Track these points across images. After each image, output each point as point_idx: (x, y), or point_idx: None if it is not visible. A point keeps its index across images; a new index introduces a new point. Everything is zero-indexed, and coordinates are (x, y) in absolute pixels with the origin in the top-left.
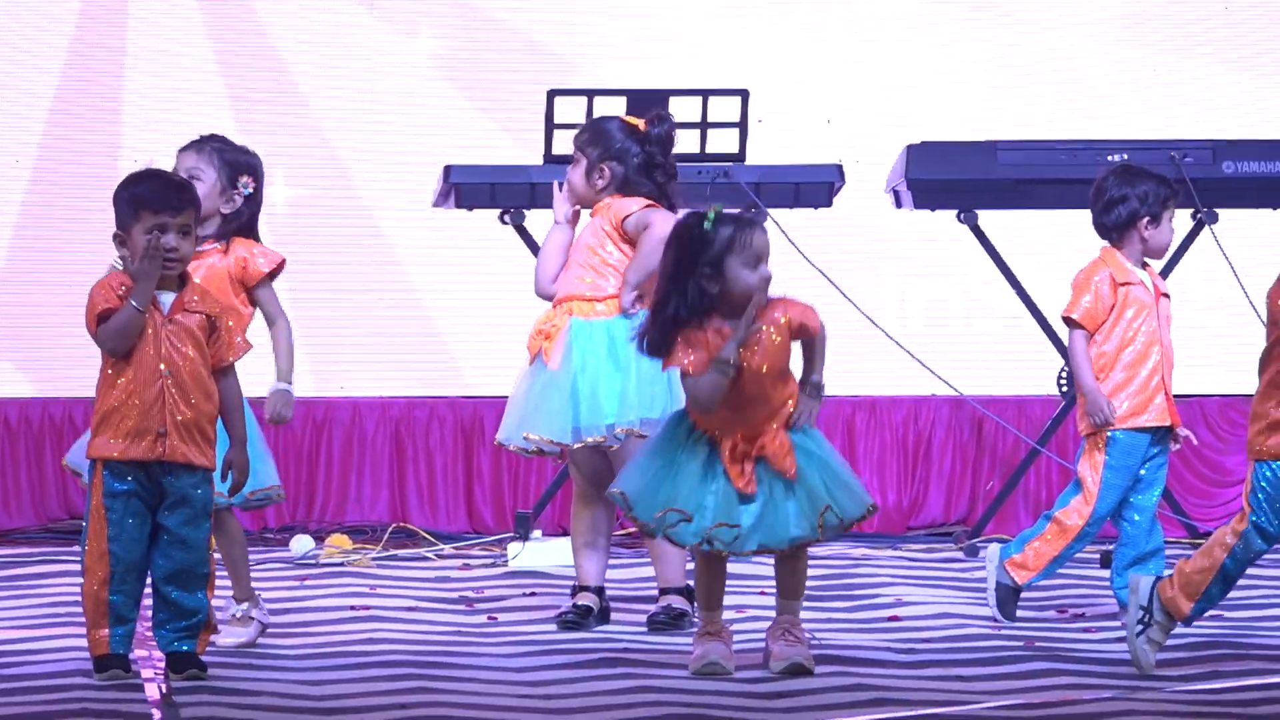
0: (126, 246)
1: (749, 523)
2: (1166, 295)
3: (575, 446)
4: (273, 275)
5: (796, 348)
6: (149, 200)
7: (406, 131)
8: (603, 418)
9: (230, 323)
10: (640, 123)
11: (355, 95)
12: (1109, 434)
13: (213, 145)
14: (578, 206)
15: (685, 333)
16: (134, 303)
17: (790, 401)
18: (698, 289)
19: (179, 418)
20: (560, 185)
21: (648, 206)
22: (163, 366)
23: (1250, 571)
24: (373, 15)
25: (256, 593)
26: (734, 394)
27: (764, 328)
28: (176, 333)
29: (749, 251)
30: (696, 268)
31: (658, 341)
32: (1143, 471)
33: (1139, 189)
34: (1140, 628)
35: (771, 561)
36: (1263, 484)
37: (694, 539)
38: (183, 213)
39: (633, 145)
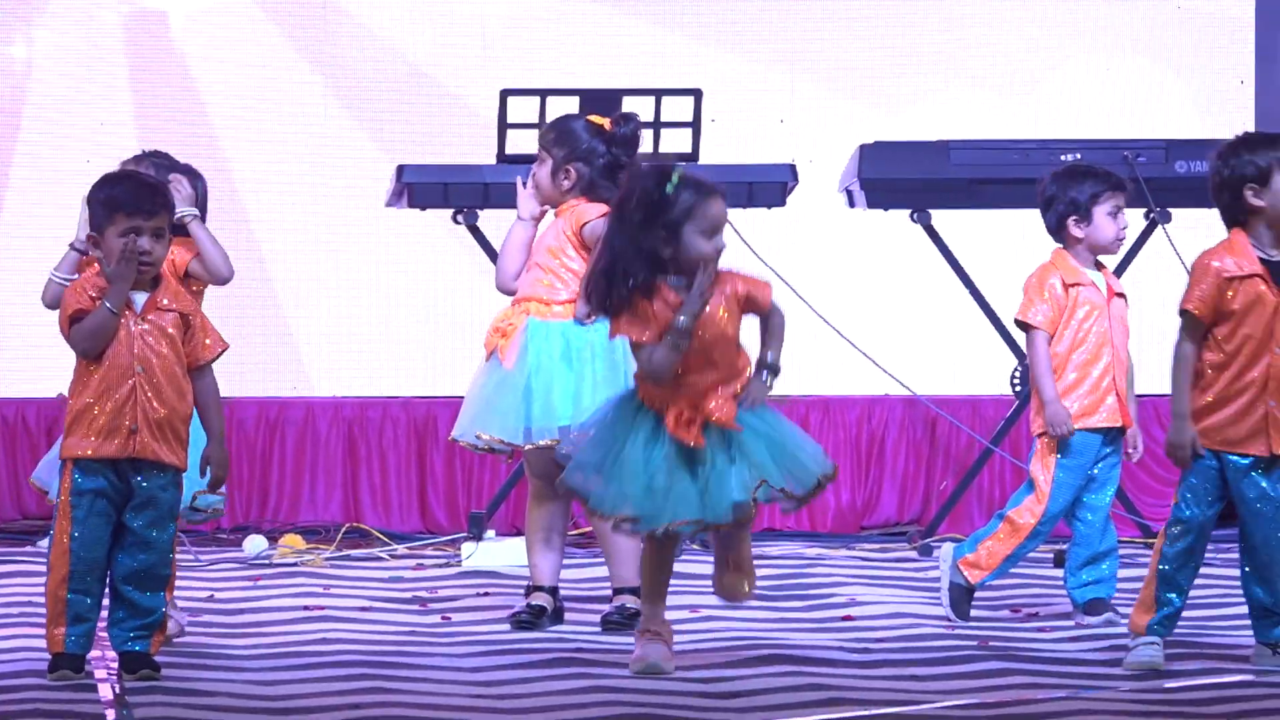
0: (100, 248)
1: (695, 498)
2: (1121, 296)
3: (526, 447)
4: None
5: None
6: (124, 203)
7: (358, 131)
8: (555, 419)
9: (203, 322)
10: (606, 122)
11: (310, 92)
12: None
13: (151, 160)
14: (545, 207)
15: (634, 303)
16: (108, 304)
17: (743, 376)
18: (651, 249)
19: (151, 415)
20: (524, 183)
21: (606, 215)
22: (136, 365)
23: (1203, 571)
24: (324, 10)
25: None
26: (682, 363)
27: (714, 300)
28: (150, 331)
29: (706, 220)
30: (652, 229)
31: (604, 294)
32: (1095, 471)
33: (1069, 188)
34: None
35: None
36: (1190, 476)
37: (646, 528)
38: (156, 216)
39: (599, 146)
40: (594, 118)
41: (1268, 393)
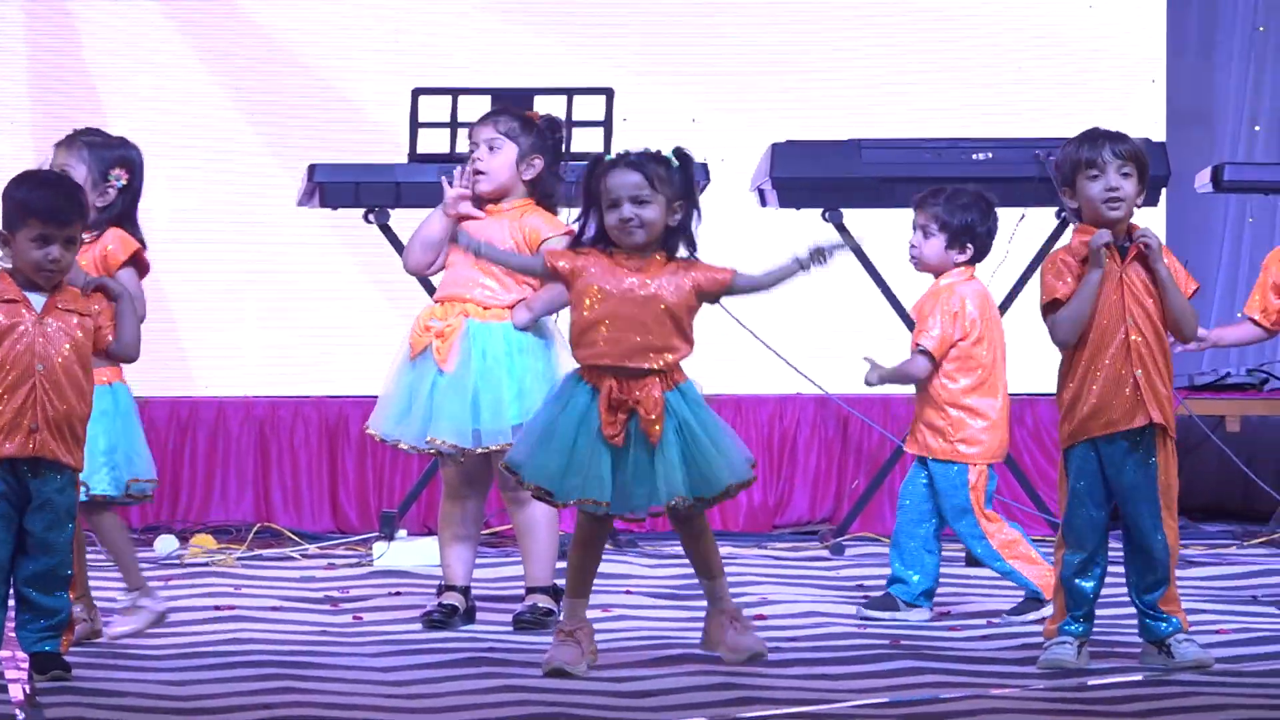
0: (10, 246)
1: (608, 484)
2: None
3: (478, 451)
4: (132, 263)
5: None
6: (38, 210)
7: (270, 131)
8: (505, 421)
9: (100, 315)
10: (537, 119)
11: (221, 92)
12: None
13: (83, 140)
14: (469, 214)
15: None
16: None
17: (677, 355)
18: (597, 219)
19: (50, 413)
20: (450, 181)
21: (568, 234)
22: (38, 364)
23: (1114, 570)
24: (235, 11)
25: (148, 582)
26: (607, 312)
27: (671, 277)
28: (52, 331)
29: (606, 195)
30: (591, 200)
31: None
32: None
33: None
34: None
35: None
36: (1069, 474)
37: (560, 501)
38: (70, 225)
39: (549, 142)
40: (530, 114)
41: (1131, 364)
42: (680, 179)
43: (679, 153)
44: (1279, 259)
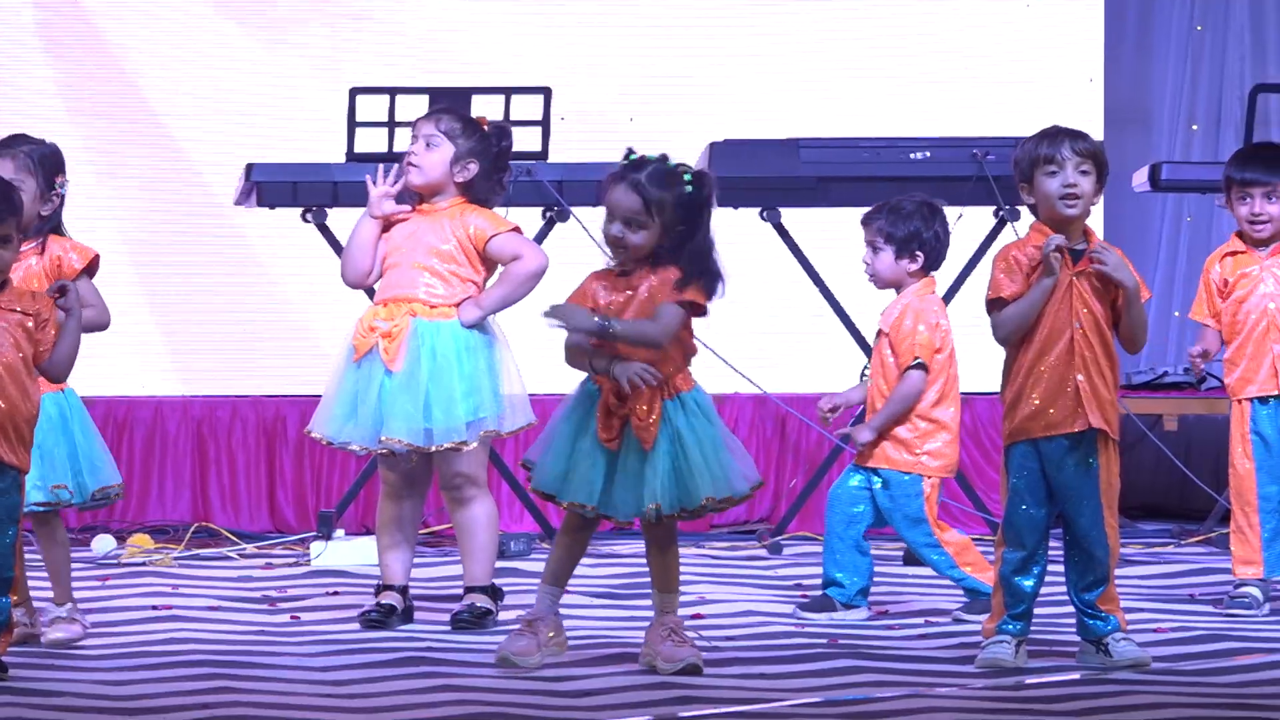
0: None
1: (599, 488)
2: (882, 332)
3: (432, 450)
4: (88, 271)
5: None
6: None
7: (206, 130)
8: (457, 419)
9: (46, 319)
10: (485, 124)
11: (152, 94)
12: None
13: (24, 150)
14: (396, 214)
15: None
16: None
17: (670, 368)
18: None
19: None
20: (376, 179)
21: (514, 231)
22: None
23: (1052, 569)
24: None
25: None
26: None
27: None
28: None
29: (604, 202)
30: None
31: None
32: (885, 501)
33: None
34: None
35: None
36: (1010, 473)
37: (564, 502)
38: (3, 223)
39: (489, 147)
40: (479, 118)
41: (1074, 368)
42: (690, 200)
43: (696, 176)
44: (1218, 260)
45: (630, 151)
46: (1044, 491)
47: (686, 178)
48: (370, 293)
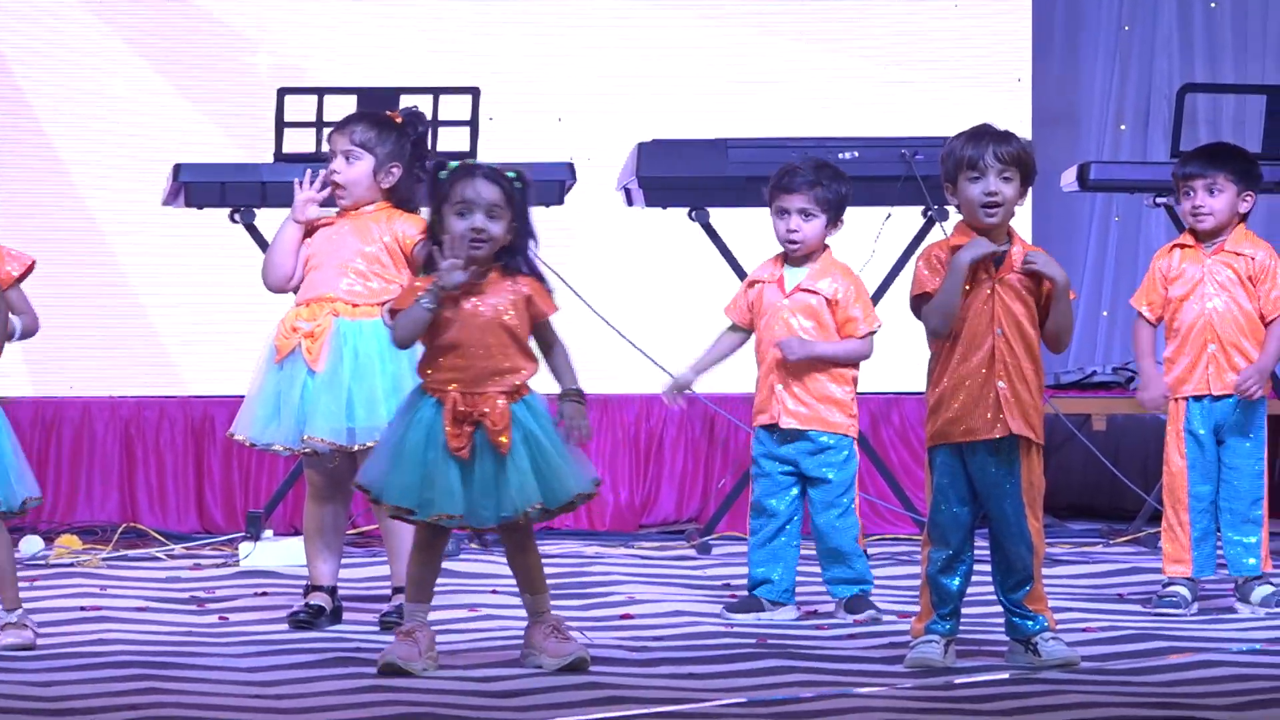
0: None
1: (460, 497)
2: (809, 290)
3: (354, 449)
4: (22, 278)
5: None
6: None
7: (133, 130)
8: (380, 419)
9: None
10: (399, 118)
11: (80, 94)
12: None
13: None
14: (320, 220)
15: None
16: None
17: (522, 374)
18: (435, 233)
19: None
20: (301, 183)
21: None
22: None
23: (981, 568)
24: (100, 16)
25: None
26: (452, 338)
27: (499, 290)
28: None
29: (458, 200)
30: (432, 213)
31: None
32: (818, 470)
33: None
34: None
35: (505, 560)
36: (933, 474)
37: (422, 518)
38: None
39: (406, 144)
40: (391, 114)
41: (995, 375)
42: (520, 201)
43: (522, 175)
44: (1168, 252)
45: (441, 165)
46: (967, 490)
47: (510, 174)
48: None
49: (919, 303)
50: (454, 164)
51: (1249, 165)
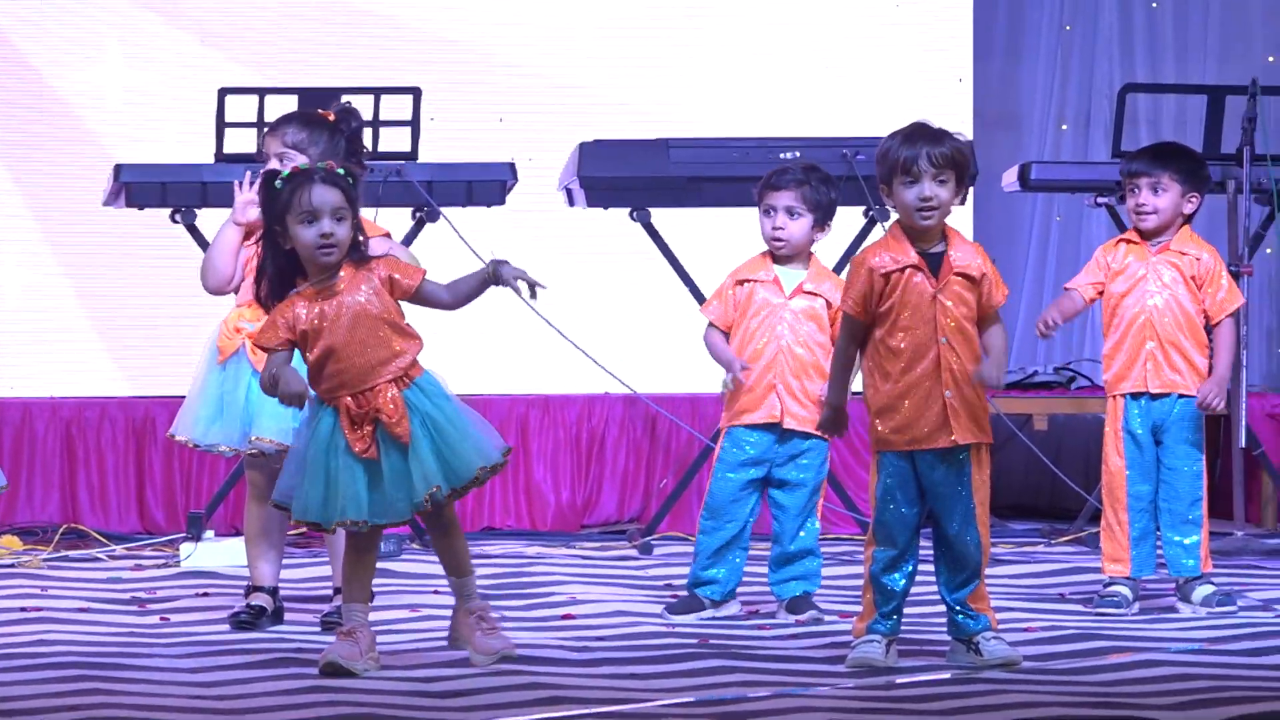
0: None
1: (365, 499)
2: (812, 294)
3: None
4: None
5: None
6: None
7: (75, 129)
8: None
9: None
10: (331, 116)
11: (20, 94)
12: (726, 429)
13: None
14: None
15: (273, 307)
16: None
17: (406, 357)
18: (276, 247)
19: None
20: (241, 184)
21: (386, 236)
22: None
23: (923, 568)
24: (40, 15)
25: None
26: (325, 346)
27: (359, 284)
28: None
29: (302, 209)
30: (271, 226)
31: (265, 299)
32: (790, 473)
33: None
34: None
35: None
36: (880, 476)
37: (329, 528)
38: None
39: (339, 141)
40: (323, 112)
41: (942, 383)
42: (355, 197)
43: (351, 171)
44: (1115, 245)
45: (274, 175)
46: (915, 492)
47: (341, 171)
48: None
49: (843, 317)
50: (285, 173)
51: (1196, 167)
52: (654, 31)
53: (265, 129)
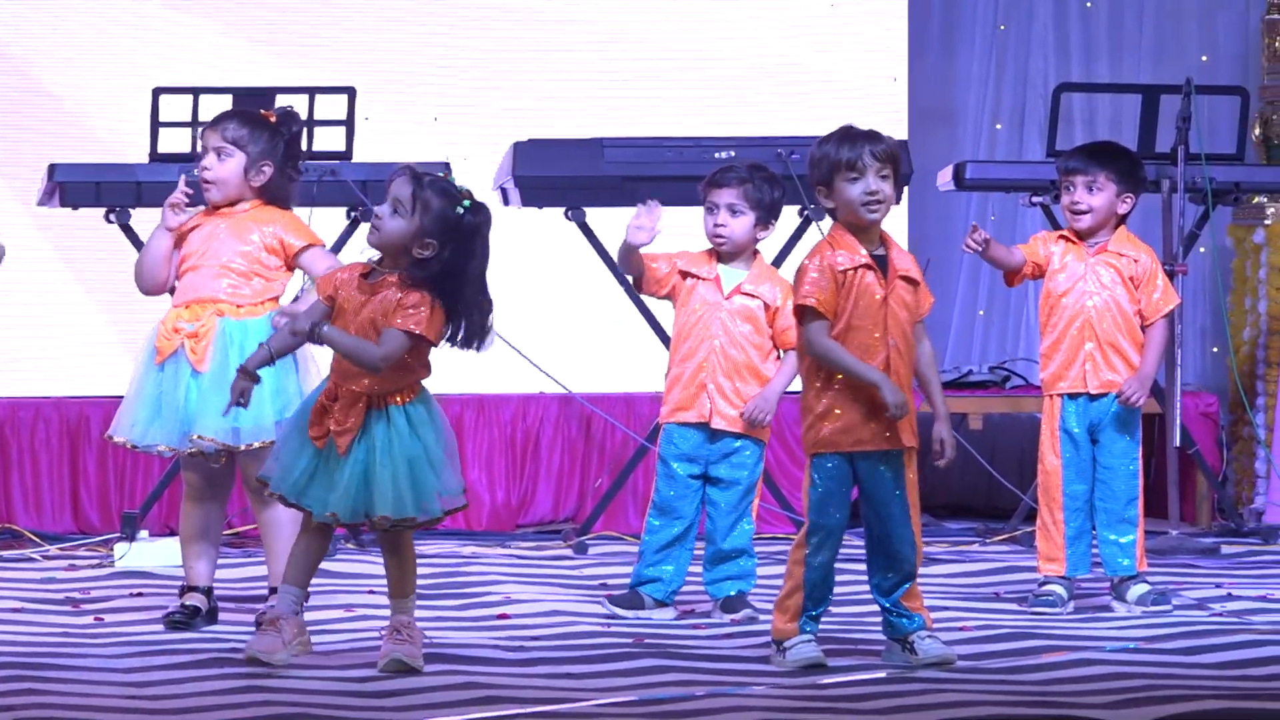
0: None
1: (325, 496)
2: (750, 294)
3: (242, 448)
4: None
5: None
6: None
7: (7, 129)
8: (266, 418)
9: None
10: (273, 118)
11: None
12: (663, 425)
13: None
14: (188, 224)
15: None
16: None
17: (390, 392)
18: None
19: None
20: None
21: (321, 246)
22: None
23: (854, 568)
24: None
25: None
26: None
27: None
28: None
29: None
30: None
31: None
32: (722, 470)
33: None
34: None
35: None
36: (818, 479)
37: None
38: None
39: (279, 143)
40: (264, 112)
41: None
42: (456, 222)
43: (474, 204)
44: (1055, 239)
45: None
46: (850, 492)
47: (466, 204)
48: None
49: (807, 314)
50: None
51: (1132, 167)
52: (590, 30)
53: (203, 126)
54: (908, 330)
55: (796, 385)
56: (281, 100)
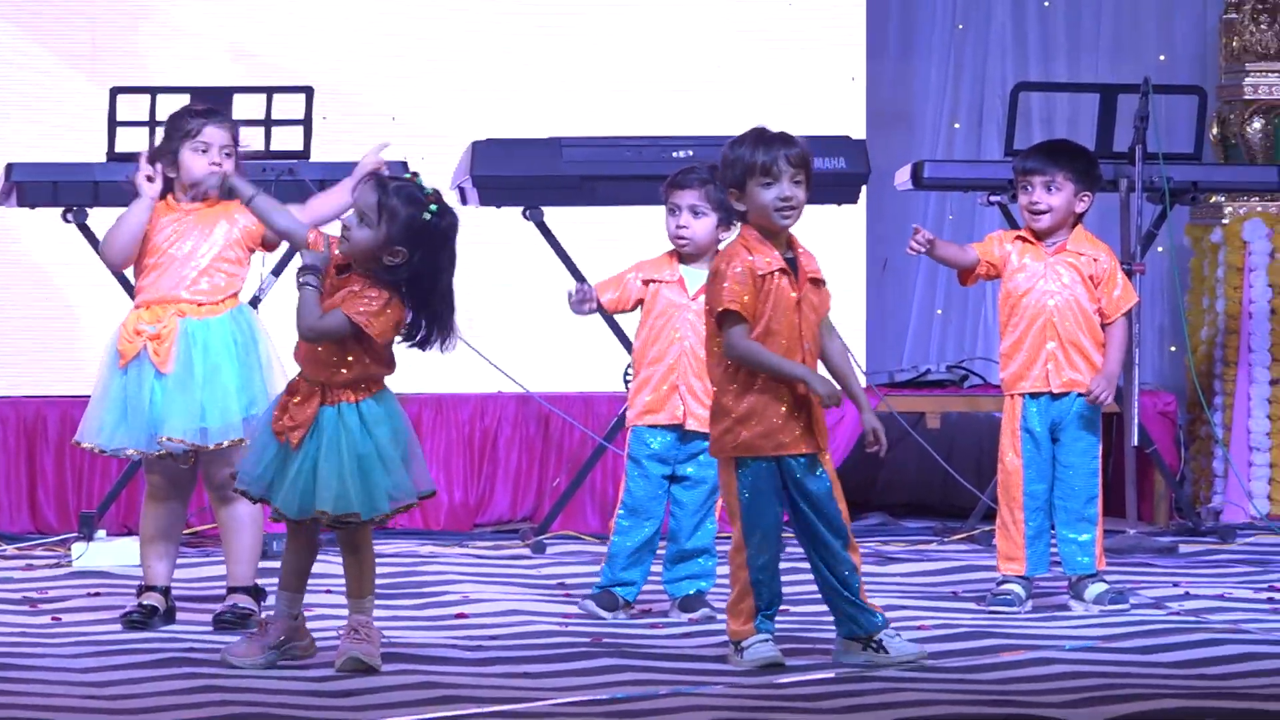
0: None
1: (282, 489)
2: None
3: (211, 448)
4: None
5: None
6: None
7: None
8: (233, 416)
9: None
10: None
11: None
12: (631, 428)
13: None
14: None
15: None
16: None
17: (343, 374)
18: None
19: None
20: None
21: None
22: None
23: (801, 566)
24: None
25: None
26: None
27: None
28: None
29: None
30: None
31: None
32: (689, 469)
33: None
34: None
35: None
36: (744, 485)
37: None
38: None
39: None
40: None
41: (808, 392)
42: (422, 228)
43: (440, 209)
44: (1011, 238)
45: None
46: (779, 488)
47: (433, 209)
48: (127, 287)
49: (727, 319)
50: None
51: (1089, 166)
52: (548, 29)
53: (167, 123)
54: (817, 332)
55: None
56: (239, 99)
